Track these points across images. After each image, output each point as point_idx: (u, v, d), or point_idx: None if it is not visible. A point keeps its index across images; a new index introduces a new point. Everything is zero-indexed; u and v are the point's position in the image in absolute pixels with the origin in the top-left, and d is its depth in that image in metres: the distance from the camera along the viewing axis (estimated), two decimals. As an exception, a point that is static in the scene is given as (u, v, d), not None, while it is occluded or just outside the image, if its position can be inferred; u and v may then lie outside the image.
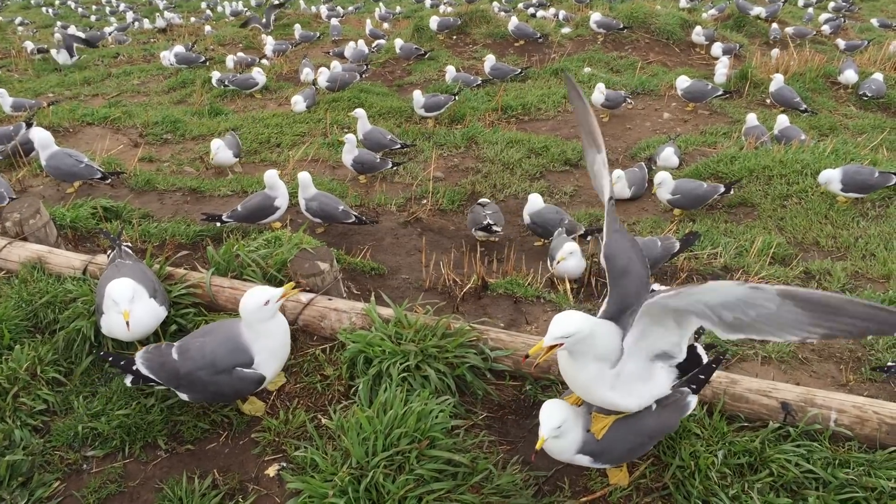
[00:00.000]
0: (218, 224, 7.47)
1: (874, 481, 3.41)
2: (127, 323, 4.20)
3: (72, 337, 4.63)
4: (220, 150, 9.73)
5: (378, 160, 9.82)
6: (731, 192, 8.88)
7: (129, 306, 4.20)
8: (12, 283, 5.32)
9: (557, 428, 3.27)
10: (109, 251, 5.18)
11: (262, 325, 3.92)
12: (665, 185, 8.61)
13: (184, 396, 4.06)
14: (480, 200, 8.22)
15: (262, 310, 3.86)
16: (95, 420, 4.16)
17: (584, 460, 3.44)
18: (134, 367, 4.01)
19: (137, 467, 3.99)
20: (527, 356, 3.33)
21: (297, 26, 21.47)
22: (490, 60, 15.16)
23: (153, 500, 3.77)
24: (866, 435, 3.70)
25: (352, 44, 18.22)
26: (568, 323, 3.10)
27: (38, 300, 4.94)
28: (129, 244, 5.32)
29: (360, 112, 10.74)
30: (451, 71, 14.78)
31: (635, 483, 3.69)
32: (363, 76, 15.30)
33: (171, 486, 3.80)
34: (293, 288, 4.04)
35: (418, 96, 12.53)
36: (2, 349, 4.68)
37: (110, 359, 4.14)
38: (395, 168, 10.13)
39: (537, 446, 3.26)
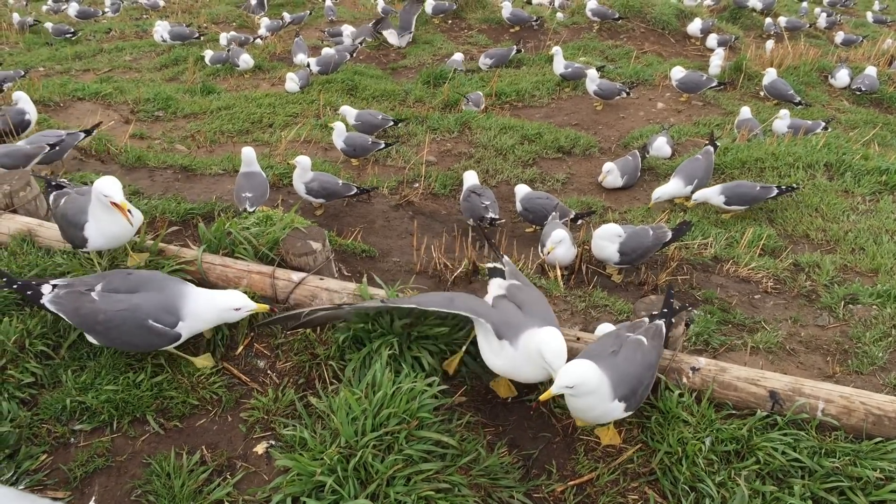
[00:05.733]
0: None
1: (860, 471, 3.44)
2: (129, 211, 4.49)
3: (61, 311, 4.60)
4: None
5: (370, 142, 9.77)
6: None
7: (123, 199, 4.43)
8: (1, 256, 5.27)
9: (570, 388, 3.48)
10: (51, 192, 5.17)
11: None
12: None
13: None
14: (473, 187, 8.09)
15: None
16: (83, 394, 4.13)
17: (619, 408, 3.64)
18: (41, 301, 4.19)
19: (125, 442, 3.97)
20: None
21: (286, 14, 21.14)
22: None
23: (141, 474, 3.76)
24: (853, 425, 3.73)
25: (347, 27, 18.13)
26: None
27: (28, 273, 4.90)
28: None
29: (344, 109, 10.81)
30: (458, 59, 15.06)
31: (622, 468, 3.71)
32: (353, 55, 15.19)
33: (158, 461, 3.79)
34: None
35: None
36: (-10, 321, 4.65)
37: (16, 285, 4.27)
38: (388, 147, 10.09)
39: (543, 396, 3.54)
